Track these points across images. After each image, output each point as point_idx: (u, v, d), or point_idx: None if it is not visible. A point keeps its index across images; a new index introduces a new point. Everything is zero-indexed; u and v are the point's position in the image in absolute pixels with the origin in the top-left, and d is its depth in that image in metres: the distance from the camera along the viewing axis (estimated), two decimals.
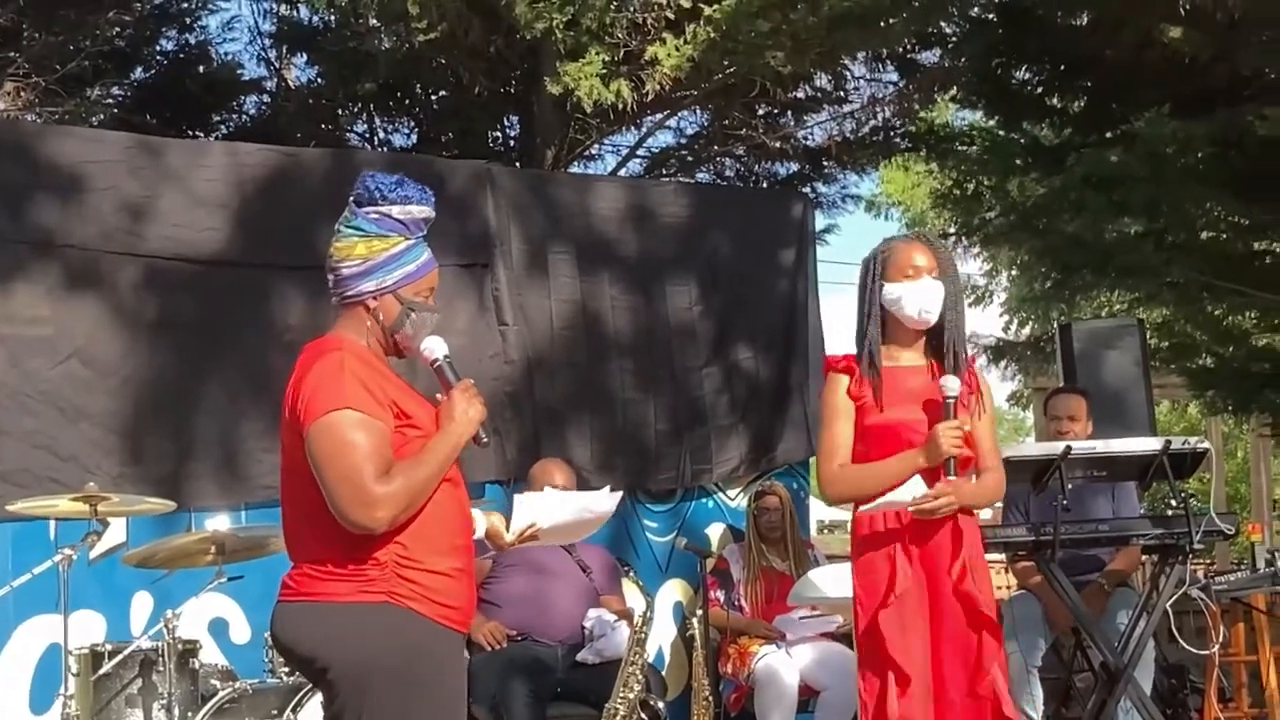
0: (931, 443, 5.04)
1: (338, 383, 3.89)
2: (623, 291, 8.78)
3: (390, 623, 3.89)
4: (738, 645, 8.02)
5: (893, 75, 11.99)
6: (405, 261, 4.08)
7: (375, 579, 3.89)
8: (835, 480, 5.25)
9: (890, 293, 5.21)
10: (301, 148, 8.94)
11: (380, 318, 4.09)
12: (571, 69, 9.23)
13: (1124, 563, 7.66)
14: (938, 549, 5.09)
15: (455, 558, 4.04)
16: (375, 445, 3.86)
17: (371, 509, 3.82)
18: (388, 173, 4.17)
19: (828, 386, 5.30)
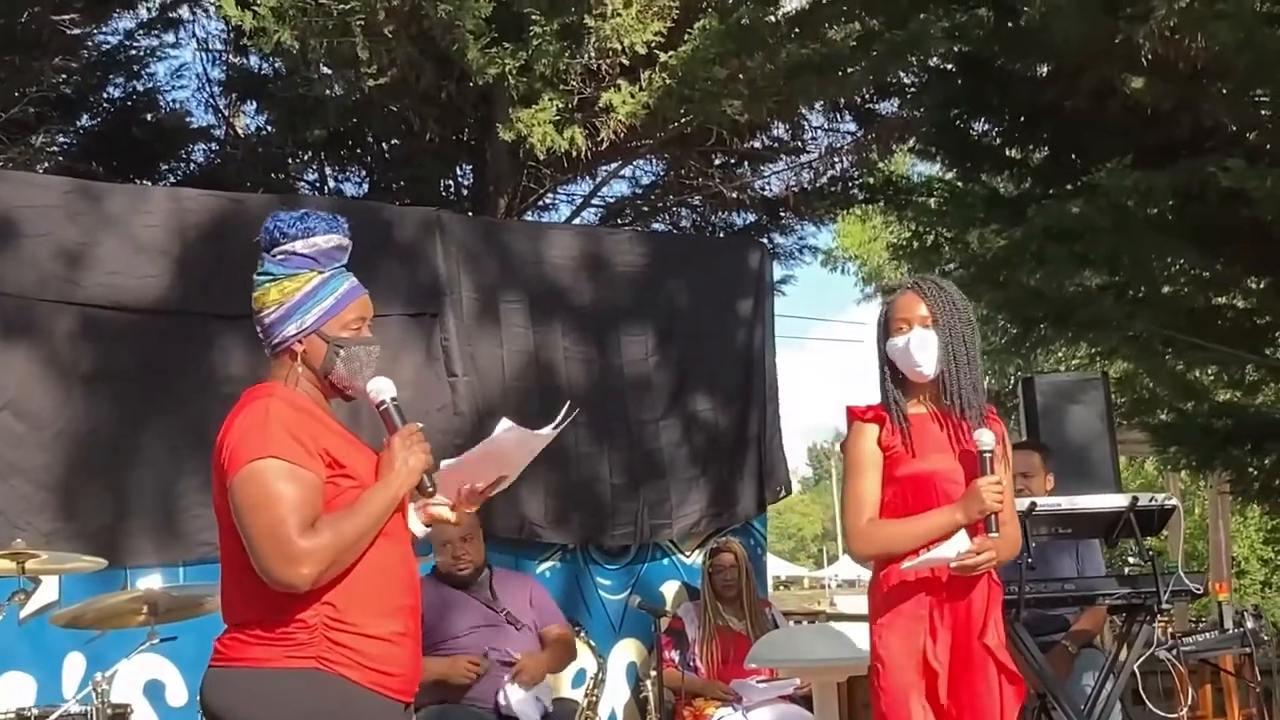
0: (972, 498, 4.83)
1: (263, 431, 3.68)
2: (576, 342, 8.59)
3: (319, 691, 3.66)
4: (693, 707, 7.86)
5: (850, 125, 11.93)
6: (321, 297, 3.87)
7: (303, 643, 3.67)
8: (866, 537, 5.01)
9: (890, 347, 5.05)
10: (246, 194, 8.74)
11: (309, 360, 3.87)
12: (524, 115, 9.07)
13: (1089, 623, 7.51)
14: (969, 606, 4.90)
15: (396, 620, 3.80)
16: (302, 497, 3.64)
17: (294, 564, 3.59)
18: (343, 217, 3.98)
19: (853, 437, 5.08)
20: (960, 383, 4.99)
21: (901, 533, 4.94)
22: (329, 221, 3.93)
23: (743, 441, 9.14)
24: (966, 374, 5.00)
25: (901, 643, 4.88)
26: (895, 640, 4.89)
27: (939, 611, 4.88)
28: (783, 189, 11.95)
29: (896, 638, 4.89)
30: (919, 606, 4.88)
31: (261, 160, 11.06)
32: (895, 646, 4.88)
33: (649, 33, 9.08)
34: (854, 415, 5.11)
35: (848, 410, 5.18)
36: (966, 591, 4.90)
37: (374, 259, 7.99)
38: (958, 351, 5.00)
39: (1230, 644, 7.09)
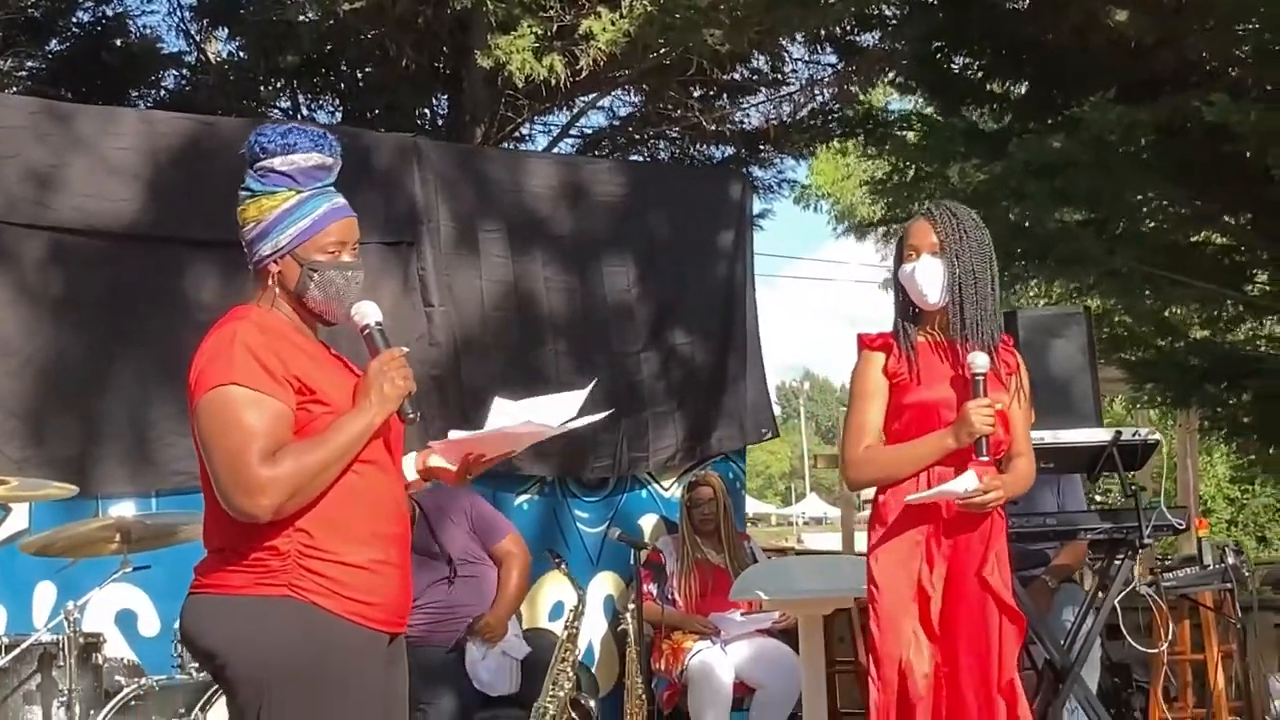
0: (962, 421, 4.77)
1: (227, 356, 3.55)
2: (557, 272, 8.49)
3: (290, 618, 3.55)
4: (671, 641, 7.82)
5: (831, 58, 11.81)
6: (297, 218, 3.71)
7: (275, 570, 3.56)
8: (861, 463, 4.97)
9: (902, 273, 4.98)
10: (219, 116, 8.60)
11: (284, 282, 3.74)
12: (503, 42, 8.96)
13: (1069, 558, 7.50)
14: (969, 541, 4.84)
15: (375, 548, 3.67)
16: (265, 425, 3.52)
17: (254, 495, 3.48)
18: (344, 142, 3.86)
19: (860, 364, 5.02)
20: (966, 312, 4.92)
21: (894, 458, 4.92)
22: (314, 138, 3.78)
23: (721, 375, 9.07)
24: (973, 303, 4.92)
25: (898, 569, 4.84)
26: (891, 566, 4.86)
27: (937, 541, 4.83)
28: (762, 122, 11.86)
29: (893, 564, 4.86)
30: (917, 535, 4.84)
31: (233, 87, 10.90)
32: (891, 572, 4.85)
33: None
34: (863, 343, 5.06)
35: (858, 338, 5.12)
36: (967, 524, 4.84)
37: (350, 186, 7.83)
38: (965, 281, 4.92)
39: (1211, 580, 7.06)
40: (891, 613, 4.83)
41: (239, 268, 7.33)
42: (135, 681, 5.96)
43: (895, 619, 4.82)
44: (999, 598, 4.83)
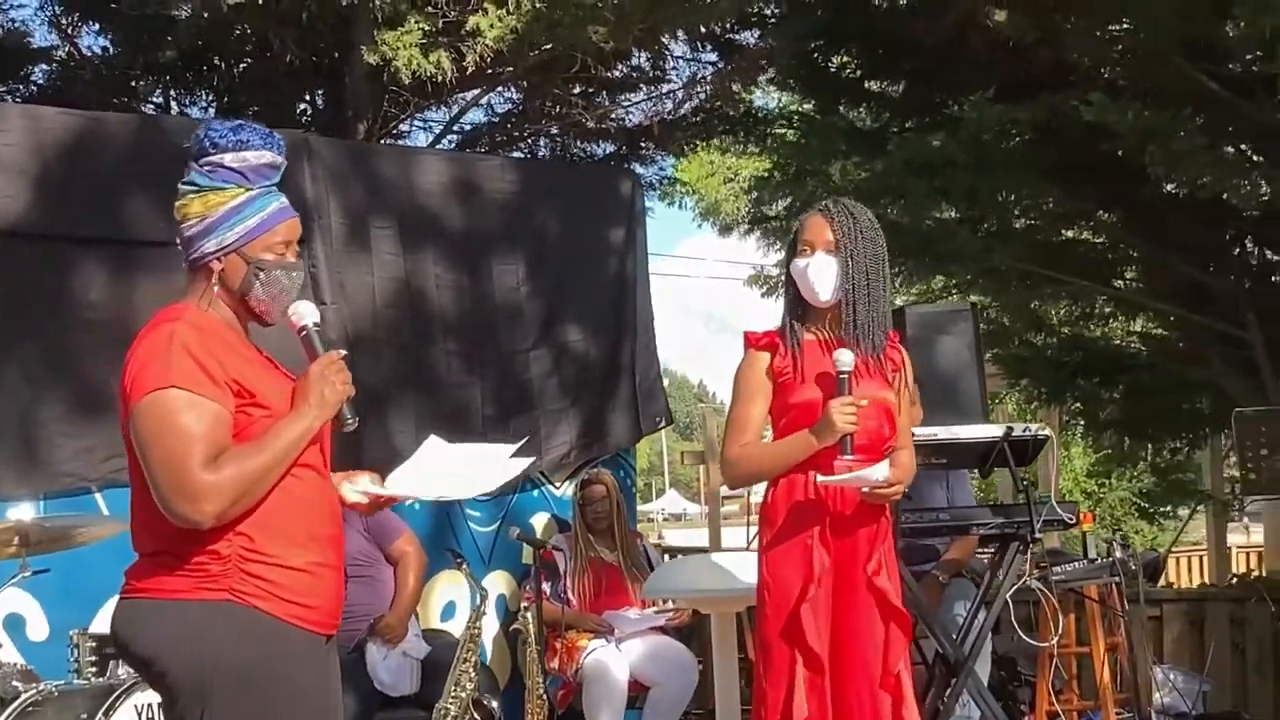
0: (825, 420, 4.79)
1: (165, 359, 3.50)
2: (448, 269, 8.42)
3: (232, 622, 3.52)
4: (565, 640, 7.80)
5: (712, 56, 11.83)
6: (245, 215, 3.67)
7: (216, 575, 3.52)
8: (736, 460, 5.02)
9: (793, 268, 5.00)
10: (107, 112, 8.44)
11: (226, 280, 3.69)
12: (389, 38, 8.88)
13: (959, 552, 7.60)
14: (856, 541, 4.88)
15: (314, 551, 3.66)
16: (205, 429, 3.47)
17: (196, 501, 3.44)
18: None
19: (745, 363, 5.05)
20: (858, 312, 4.95)
21: (764, 456, 4.98)
22: (264, 137, 3.76)
23: (614, 372, 9.07)
24: (865, 303, 4.96)
25: (788, 567, 4.87)
26: (782, 565, 4.89)
27: (824, 539, 4.87)
28: (643, 119, 11.86)
29: (783, 562, 4.89)
30: (807, 533, 4.87)
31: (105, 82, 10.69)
32: (782, 570, 4.89)
33: None
34: (748, 341, 5.09)
35: (745, 336, 5.13)
36: (856, 523, 4.89)
37: None
38: (858, 280, 4.95)
39: (1099, 573, 7.15)
40: (781, 613, 4.87)
41: (127, 265, 7.33)
42: (33, 687, 5.85)
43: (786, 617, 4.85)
44: (885, 600, 4.88)
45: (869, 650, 4.85)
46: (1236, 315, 9.40)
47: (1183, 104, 8.19)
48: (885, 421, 4.94)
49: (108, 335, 7.30)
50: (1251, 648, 8.63)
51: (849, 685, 4.84)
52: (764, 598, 4.93)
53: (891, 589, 4.89)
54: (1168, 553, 14.29)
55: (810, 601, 4.81)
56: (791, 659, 4.82)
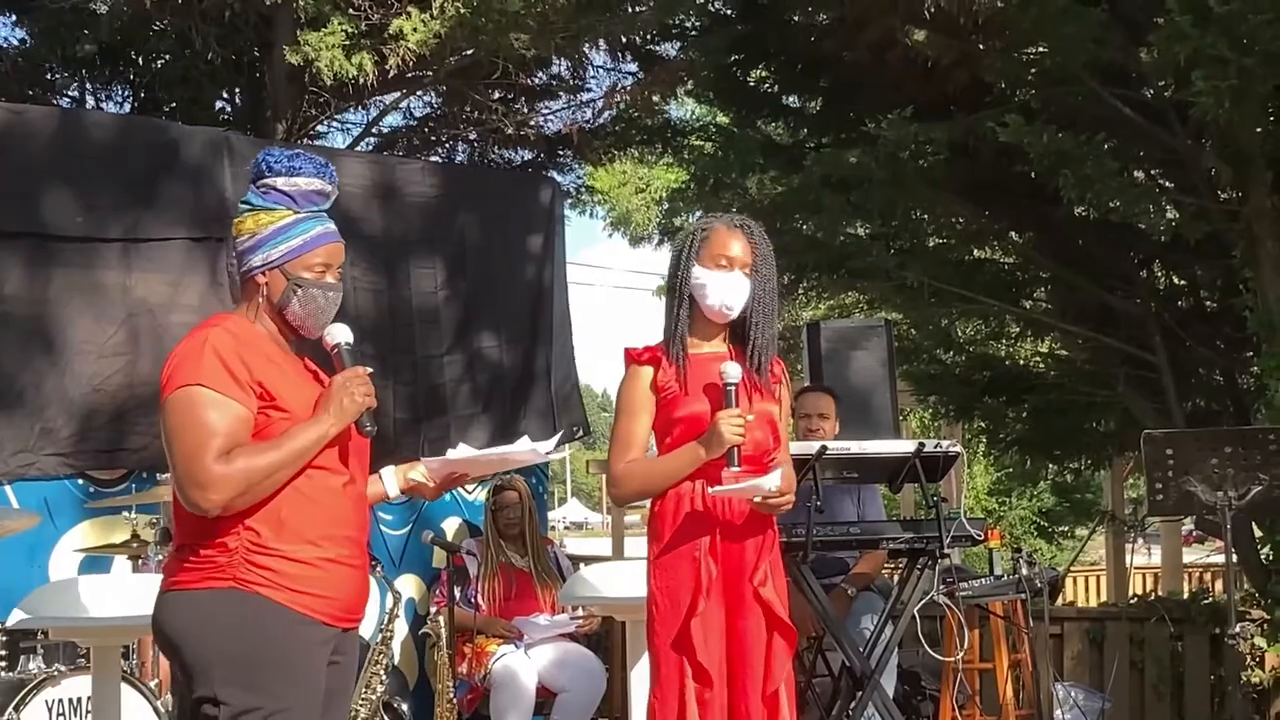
0: (712, 432, 4.81)
1: (196, 359, 3.82)
2: (365, 272, 8.38)
3: (235, 608, 3.81)
4: (474, 645, 7.81)
5: (632, 66, 11.85)
6: (290, 235, 4.00)
7: (222, 565, 3.82)
8: (623, 477, 5.01)
9: (697, 276, 4.97)
10: (28, 105, 8.36)
11: (269, 294, 3.99)
12: (312, 39, 8.85)
13: (868, 566, 7.65)
14: (743, 551, 4.89)
15: (323, 547, 3.91)
16: (223, 425, 3.80)
17: (204, 489, 3.74)
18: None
19: (627, 379, 5.04)
20: (761, 331, 5.00)
21: (651, 471, 4.98)
22: (318, 166, 4.08)
23: (528, 379, 9.07)
24: (766, 324, 5.02)
25: (676, 578, 4.88)
26: (670, 576, 4.90)
27: (713, 550, 4.88)
28: (561, 127, 11.86)
29: (671, 574, 4.90)
30: (695, 545, 4.88)
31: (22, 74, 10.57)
32: (670, 584, 4.90)
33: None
34: (629, 357, 5.09)
35: (625, 352, 5.13)
36: (743, 533, 4.91)
37: (158, 179, 7.73)
38: (766, 301, 5.01)
39: (1006, 590, 7.23)
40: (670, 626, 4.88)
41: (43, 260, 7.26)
42: None
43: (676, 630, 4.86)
44: (771, 610, 4.90)
45: (755, 663, 4.88)
46: (1143, 338, 9.52)
47: (1095, 128, 8.31)
48: (770, 433, 4.98)
49: (21, 330, 7.26)
50: (1150, 667, 8.73)
51: (741, 697, 4.87)
52: (652, 611, 4.94)
53: (778, 600, 4.91)
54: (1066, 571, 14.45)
55: (700, 615, 4.83)
56: (681, 672, 4.83)
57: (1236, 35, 7.11)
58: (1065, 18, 8.07)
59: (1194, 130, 8.52)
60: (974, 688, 7.90)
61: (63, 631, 5.54)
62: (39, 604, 5.23)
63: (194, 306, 7.68)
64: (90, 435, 7.43)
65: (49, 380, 7.33)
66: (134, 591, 5.30)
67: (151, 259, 7.68)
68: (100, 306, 7.51)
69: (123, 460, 7.61)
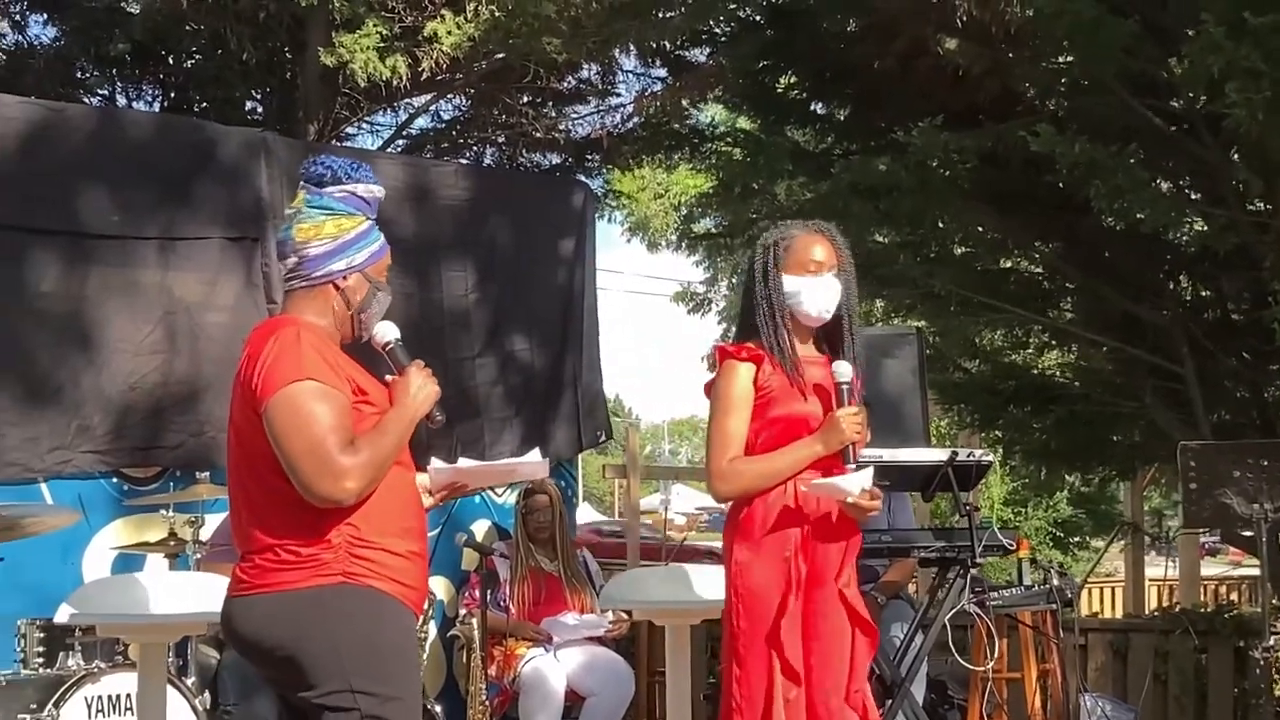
0: (831, 428, 4.84)
1: (296, 354, 3.86)
2: (397, 274, 8.19)
3: (350, 601, 3.86)
4: (503, 648, 7.81)
5: (661, 71, 11.86)
6: (371, 240, 4.11)
7: (329, 562, 3.86)
8: (729, 475, 4.97)
9: (790, 286, 4.98)
10: (69, 103, 8.40)
11: (348, 297, 4.05)
12: (347, 40, 8.86)
13: (898, 574, 7.67)
14: (829, 552, 4.90)
15: (409, 539, 4.00)
16: (338, 417, 3.83)
17: (340, 479, 3.78)
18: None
19: (725, 376, 5.02)
20: (849, 334, 5.03)
21: (763, 469, 4.94)
22: (371, 174, 4.19)
23: (558, 382, 9.10)
24: (851, 323, 5.05)
25: (766, 578, 4.88)
26: (760, 575, 4.89)
27: (804, 549, 4.89)
28: (590, 131, 11.87)
29: (761, 573, 4.89)
30: (786, 544, 4.88)
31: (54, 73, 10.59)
32: (760, 581, 4.89)
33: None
34: (726, 354, 5.07)
35: (719, 350, 5.14)
36: (831, 535, 4.92)
37: (195, 179, 7.78)
38: (850, 305, 5.05)
39: (1037, 600, 7.22)
40: (761, 623, 4.87)
41: (80, 257, 7.30)
42: None
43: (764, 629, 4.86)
44: (854, 610, 4.92)
45: (838, 661, 4.89)
46: (1170, 349, 9.51)
47: (1125, 138, 8.30)
48: None
49: (58, 327, 7.30)
50: (1174, 679, 8.72)
51: (820, 697, 4.87)
52: (738, 609, 4.92)
53: (859, 601, 4.94)
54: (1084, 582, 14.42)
55: (789, 613, 4.84)
56: (770, 670, 4.84)
57: (1270, 48, 7.10)
58: (1097, 28, 8.06)
59: (1224, 141, 8.51)
60: (1001, 697, 7.92)
61: (110, 628, 5.53)
62: (86, 601, 5.23)
63: (229, 306, 7.73)
64: (126, 433, 7.48)
65: (85, 378, 7.37)
66: (181, 589, 5.31)
67: (188, 258, 7.73)
68: (136, 305, 7.55)
69: (158, 458, 7.65)
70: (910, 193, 9.19)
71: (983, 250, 11.20)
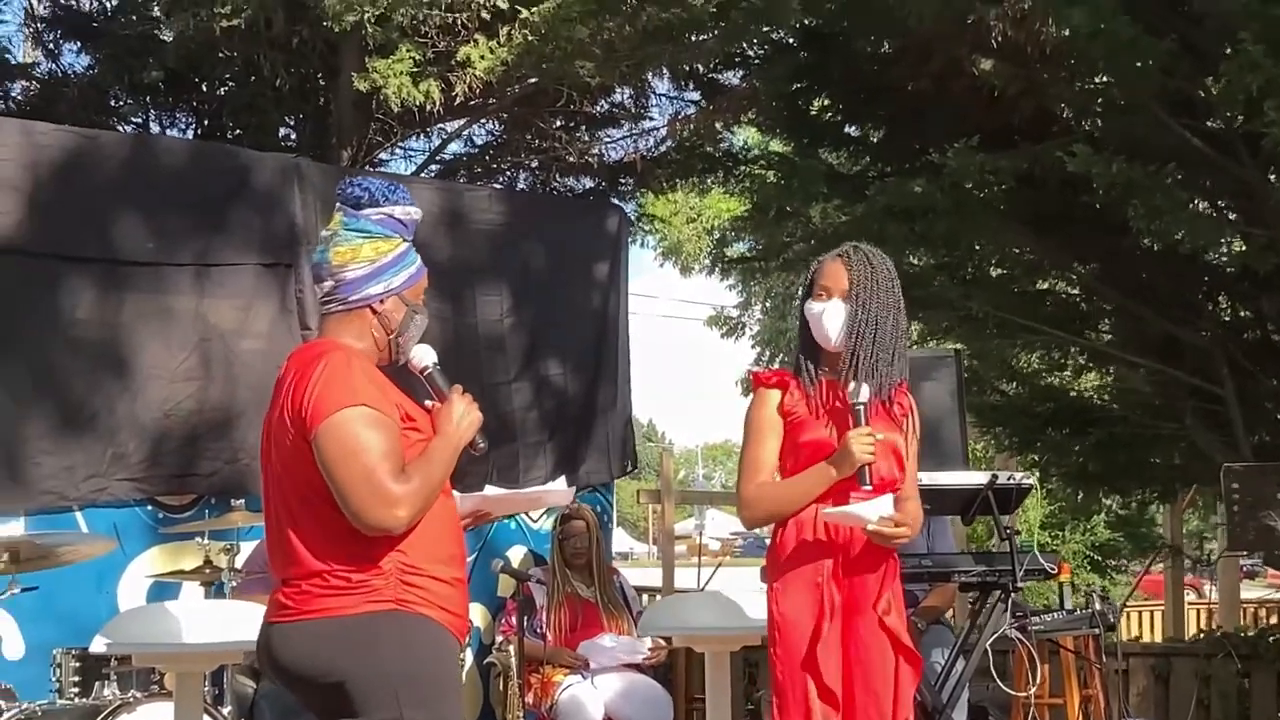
0: (843, 451, 4.77)
1: (347, 379, 3.82)
2: (432, 298, 8.17)
3: (402, 630, 3.84)
4: (540, 675, 7.75)
5: (694, 95, 11.82)
6: (408, 263, 4.06)
7: (380, 588, 3.82)
8: (755, 500, 4.95)
9: (809, 310, 4.96)
10: (102, 130, 8.41)
11: (385, 321, 4.00)
12: (380, 65, 8.84)
13: (939, 599, 7.58)
14: (865, 581, 4.84)
15: (454, 566, 3.98)
16: (390, 444, 3.81)
17: (392, 508, 3.75)
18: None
19: (756, 403, 5.01)
20: (860, 359, 4.94)
21: (781, 494, 4.92)
22: (407, 195, 4.10)
23: (590, 408, 9.09)
24: (869, 349, 4.94)
25: (799, 605, 4.83)
26: (793, 603, 4.85)
27: (836, 577, 4.83)
28: (623, 155, 11.84)
29: (794, 600, 4.85)
30: (818, 571, 4.83)
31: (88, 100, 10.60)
32: (794, 608, 4.84)
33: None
34: (758, 381, 5.07)
35: (753, 376, 5.14)
36: (865, 562, 4.85)
37: (228, 205, 7.78)
38: (865, 327, 4.93)
39: (1079, 624, 7.15)
40: (796, 650, 4.82)
41: (115, 284, 7.31)
42: (15, 707, 5.82)
43: (799, 656, 4.81)
44: (896, 638, 4.86)
45: (881, 689, 4.83)
46: (1210, 370, 9.43)
47: (1162, 158, 8.24)
48: (895, 464, 4.94)
49: (93, 354, 7.30)
50: (1217, 703, 8.64)
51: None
52: (775, 635, 4.89)
53: (901, 628, 4.87)
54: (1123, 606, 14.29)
55: (824, 640, 4.79)
56: (807, 694, 4.80)
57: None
58: (1134, 48, 8.01)
59: (1263, 160, 8.45)
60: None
61: (146, 657, 5.50)
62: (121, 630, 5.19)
63: (264, 333, 7.72)
64: (161, 460, 7.48)
65: (121, 405, 7.37)
66: (216, 617, 5.28)
67: (222, 284, 7.72)
68: (171, 331, 7.55)
69: (193, 485, 7.64)
70: (946, 214, 9.15)
71: (1019, 272, 11.16)
